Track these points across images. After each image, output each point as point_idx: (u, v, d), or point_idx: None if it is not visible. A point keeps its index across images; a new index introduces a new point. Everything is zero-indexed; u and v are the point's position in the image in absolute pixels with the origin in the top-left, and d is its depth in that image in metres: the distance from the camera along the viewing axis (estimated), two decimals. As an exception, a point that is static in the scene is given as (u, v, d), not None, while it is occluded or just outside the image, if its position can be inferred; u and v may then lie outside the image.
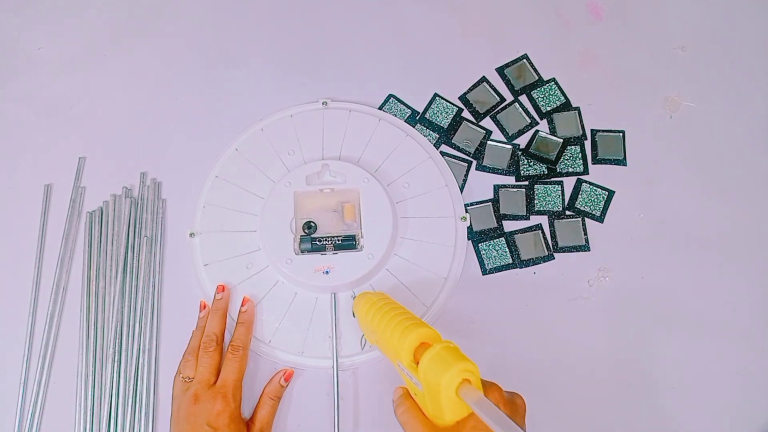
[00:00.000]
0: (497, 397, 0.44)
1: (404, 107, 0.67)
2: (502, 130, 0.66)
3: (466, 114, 0.67)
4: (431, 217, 0.61)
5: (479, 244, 0.62)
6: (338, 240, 0.58)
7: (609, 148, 0.66)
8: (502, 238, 0.62)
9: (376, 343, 0.51)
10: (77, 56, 0.71)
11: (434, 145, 0.65)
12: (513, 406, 0.45)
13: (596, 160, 0.65)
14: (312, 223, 0.59)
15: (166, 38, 0.71)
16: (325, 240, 0.58)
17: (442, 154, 0.65)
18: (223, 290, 0.58)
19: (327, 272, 0.58)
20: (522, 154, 0.65)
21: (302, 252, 0.58)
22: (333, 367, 0.56)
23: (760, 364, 0.58)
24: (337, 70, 0.69)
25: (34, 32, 0.72)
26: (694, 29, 0.71)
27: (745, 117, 0.67)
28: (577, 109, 0.67)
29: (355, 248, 0.58)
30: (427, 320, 0.58)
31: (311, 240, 0.58)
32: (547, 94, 0.68)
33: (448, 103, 0.67)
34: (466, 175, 0.64)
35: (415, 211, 0.61)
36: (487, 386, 0.44)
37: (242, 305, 0.58)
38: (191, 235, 0.62)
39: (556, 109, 0.67)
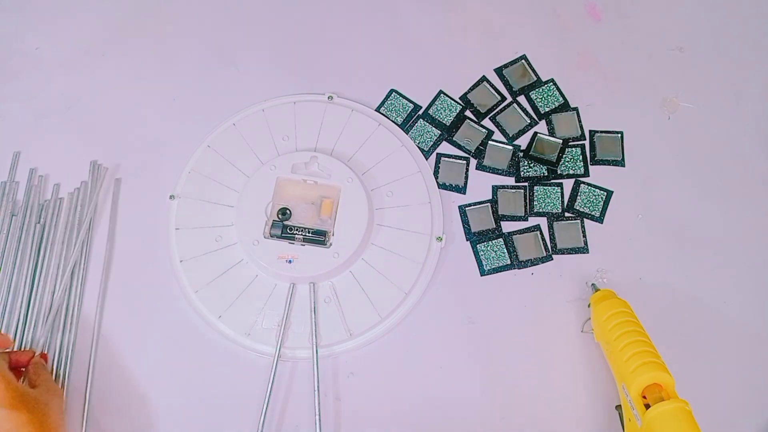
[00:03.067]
0: None
1: (406, 101, 0.67)
2: (503, 131, 0.66)
3: (468, 114, 0.67)
4: (407, 231, 0.60)
5: (477, 245, 0.61)
6: (309, 233, 0.58)
7: (607, 148, 0.65)
8: (501, 239, 0.61)
9: (601, 343, 0.54)
10: (75, 56, 0.70)
11: (435, 142, 0.65)
12: None
13: (594, 161, 0.65)
14: (287, 210, 0.59)
15: (165, 37, 0.71)
16: (296, 230, 0.58)
17: (441, 155, 0.64)
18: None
19: (290, 261, 0.57)
20: (523, 156, 0.64)
21: (271, 236, 0.58)
22: (274, 355, 0.56)
23: (760, 364, 0.57)
24: (341, 67, 0.69)
25: (31, 32, 0.71)
26: (693, 30, 0.70)
27: (743, 118, 0.66)
28: (576, 109, 0.66)
29: (323, 244, 0.58)
30: (376, 331, 0.57)
31: (283, 226, 0.58)
32: (545, 95, 0.67)
33: (452, 101, 0.67)
34: (467, 173, 0.64)
35: (392, 221, 0.61)
36: None
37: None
38: (171, 197, 0.62)
39: (555, 110, 0.66)
